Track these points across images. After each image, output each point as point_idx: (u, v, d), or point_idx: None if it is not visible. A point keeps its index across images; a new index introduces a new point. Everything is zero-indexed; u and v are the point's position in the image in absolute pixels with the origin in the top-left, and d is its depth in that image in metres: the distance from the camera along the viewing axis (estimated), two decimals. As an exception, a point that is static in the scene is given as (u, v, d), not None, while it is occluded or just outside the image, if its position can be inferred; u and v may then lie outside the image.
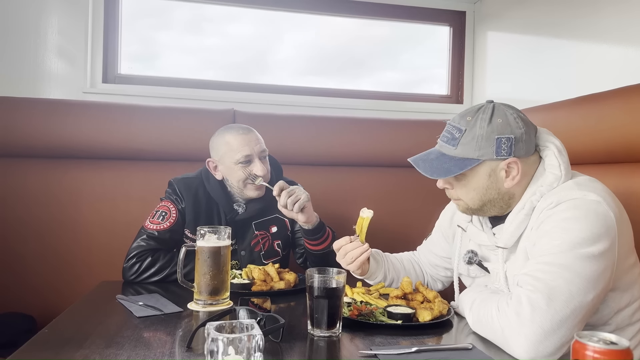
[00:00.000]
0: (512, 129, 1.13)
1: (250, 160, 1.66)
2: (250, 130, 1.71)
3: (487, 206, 1.20)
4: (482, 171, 1.16)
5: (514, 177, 1.14)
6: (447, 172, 1.15)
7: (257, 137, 1.71)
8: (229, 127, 1.74)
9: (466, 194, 1.20)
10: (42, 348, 0.98)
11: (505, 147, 1.12)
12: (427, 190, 2.33)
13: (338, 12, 2.75)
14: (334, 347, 1.03)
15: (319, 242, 1.67)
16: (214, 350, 0.77)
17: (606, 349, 0.68)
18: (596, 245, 1.02)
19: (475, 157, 1.14)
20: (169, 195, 1.73)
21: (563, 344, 0.97)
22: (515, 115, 1.15)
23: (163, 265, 1.57)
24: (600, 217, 1.04)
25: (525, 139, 1.14)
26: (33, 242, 2.00)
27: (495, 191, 1.17)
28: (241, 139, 1.66)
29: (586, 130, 1.59)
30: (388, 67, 2.94)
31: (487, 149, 1.13)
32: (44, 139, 2.01)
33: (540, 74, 2.28)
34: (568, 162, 1.17)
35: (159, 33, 2.64)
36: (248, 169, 1.65)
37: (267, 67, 2.76)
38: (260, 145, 1.69)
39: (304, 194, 1.60)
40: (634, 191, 1.40)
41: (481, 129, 1.13)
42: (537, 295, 0.99)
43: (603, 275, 1.02)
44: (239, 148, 1.65)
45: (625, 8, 1.81)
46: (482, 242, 1.26)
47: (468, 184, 1.18)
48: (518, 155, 1.13)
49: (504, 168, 1.14)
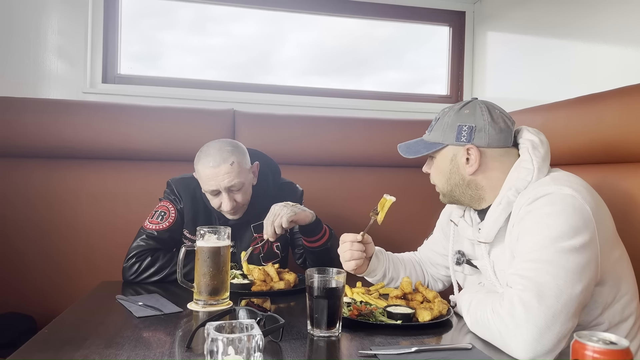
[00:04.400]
0: (476, 119, 1.22)
1: (218, 193, 1.60)
2: (224, 160, 1.56)
3: (456, 192, 1.27)
4: (446, 155, 1.26)
5: (472, 164, 1.22)
6: (416, 152, 1.29)
7: (228, 170, 1.56)
8: (205, 153, 1.60)
9: (436, 176, 1.31)
10: (42, 348, 0.98)
11: (465, 134, 1.22)
12: (427, 190, 2.33)
13: (338, 12, 2.75)
14: (333, 347, 1.03)
15: (315, 238, 1.67)
16: (214, 351, 0.77)
17: (606, 349, 0.68)
18: (576, 238, 1.03)
19: (440, 142, 1.26)
20: (167, 195, 1.73)
21: (560, 339, 0.98)
22: (485, 110, 1.23)
23: (163, 265, 1.57)
24: (577, 210, 1.06)
25: (489, 130, 1.21)
26: (32, 242, 2.00)
27: (459, 177, 1.25)
28: (208, 173, 1.56)
29: (586, 130, 1.60)
30: (392, 66, 2.94)
31: (450, 134, 1.24)
32: (44, 139, 2.01)
33: (539, 74, 2.28)
34: (544, 157, 1.19)
35: (163, 33, 2.65)
36: (218, 199, 1.61)
37: (270, 67, 2.76)
38: (229, 179, 1.56)
39: (284, 210, 1.54)
40: (634, 191, 1.40)
41: (449, 117, 1.25)
42: (527, 294, 1.00)
43: (588, 267, 1.04)
44: (205, 180, 1.58)
45: (624, 9, 1.81)
46: (469, 237, 1.30)
47: (437, 166, 1.29)
48: (478, 145, 1.21)
49: (464, 155, 1.22)
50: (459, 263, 1.36)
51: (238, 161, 1.59)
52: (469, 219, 1.33)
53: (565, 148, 1.64)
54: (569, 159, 1.62)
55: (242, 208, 1.68)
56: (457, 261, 1.37)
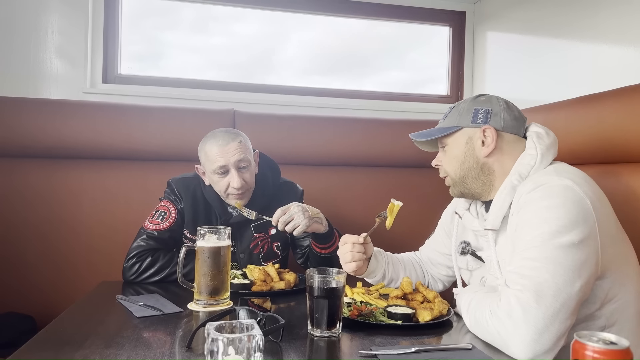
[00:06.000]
0: (492, 104, 1.26)
1: (226, 171, 1.62)
2: (231, 139, 1.62)
3: (468, 178, 1.27)
4: (461, 138, 1.27)
5: (489, 145, 1.23)
6: (429, 135, 1.31)
7: (237, 147, 1.61)
8: (212, 135, 1.67)
9: (449, 163, 1.30)
10: (42, 348, 0.98)
11: (482, 117, 1.24)
12: (427, 190, 2.34)
13: (338, 12, 2.75)
14: (334, 347, 1.03)
15: (326, 246, 1.66)
16: (214, 351, 0.77)
17: (606, 349, 0.68)
18: (575, 232, 1.03)
19: (454, 125, 1.27)
20: (167, 195, 1.73)
21: (559, 338, 0.98)
22: (501, 99, 1.27)
23: (163, 265, 1.57)
24: (576, 203, 1.06)
25: (504, 115, 1.24)
26: (32, 242, 2.00)
27: (473, 159, 1.25)
28: (217, 150, 1.60)
29: (586, 130, 1.60)
30: (394, 66, 2.94)
31: (466, 117, 1.26)
32: (44, 139, 2.01)
33: (540, 74, 2.28)
34: (548, 146, 1.21)
35: (164, 32, 2.65)
36: (226, 179, 1.62)
37: (272, 67, 2.76)
38: (239, 154, 1.60)
39: (304, 220, 1.52)
40: (634, 191, 1.40)
41: (465, 104, 1.29)
42: (525, 294, 1.00)
43: (587, 263, 1.03)
44: (214, 159, 1.60)
45: (624, 9, 1.81)
46: (475, 228, 1.30)
47: (450, 152, 1.29)
48: (494, 126, 1.23)
49: (480, 137, 1.24)
50: (464, 252, 1.35)
51: (244, 141, 1.67)
52: (474, 211, 1.34)
53: (565, 148, 1.64)
54: (569, 159, 1.62)
55: (248, 192, 1.68)
56: (462, 250, 1.36)
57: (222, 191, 1.65)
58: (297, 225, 1.53)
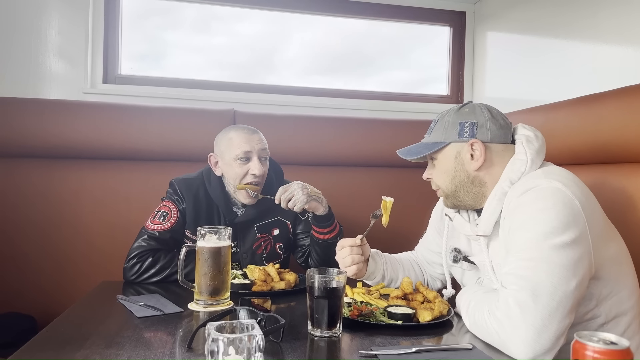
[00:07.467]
0: (477, 116, 1.24)
1: (249, 157, 1.66)
2: (255, 131, 1.73)
3: (460, 192, 1.27)
4: (449, 153, 1.26)
5: (477, 159, 1.22)
6: (417, 153, 1.29)
7: (261, 138, 1.72)
8: (236, 125, 1.78)
9: (439, 177, 1.30)
10: (43, 348, 0.98)
11: (468, 130, 1.23)
12: (427, 190, 2.34)
13: (339, 12, 2.75)
14: (334, 347, 1.04)
15: (327, 230, 1.68)
16: (215, 351, 0.77)
17: (606, 349, 0.69)
18: (567, 233, 1.04)
19: (442, 140, 1.26)
20: (169, 195, 1.73)
21: (558, 336, 0.98)
22: (485, 108, 1.25)
23: (164, 266, 1.57)
24: (566, 205, 1.07)
25: (490, 126, 1.23)
26: (33, 242, 2.01)
27: (464, 174, 1.25)
28: (243, 136, 1.68)
29: (586, 131, 1.60)
30: (396, 66, 2.94)
31: (452, 132, 1.25)
32: (44, 139, 2.02)
33: (540, 74, 2.28)
34: (537, 150, 1.21)
35: (166, 32, 2.65)
36: (246, 167, 1.66)
37: (274, 67, 2.76)
38: (262, 145, 1.70)
39: (302, 196, 1.59)
40: (634, 191, 1.40)
41: (449, 117, 1.27)
42: (522, 294, 1.00)
43: (581, 262, 1.04)
44: (239, 144, 1.66)
45: (624, 9, 1.81)
46: (466, 232, 1.30)
47: (440, 167, 1.29)
48: (481, 139, 1.22)
49: (469, 151, 1.23)
50: (456, 261, 1.37)
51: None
52: (465, 215, 1.33)
53: (565, 148, 1.64)
54: (569, 159, 1.62)
55: (260, 185, 1.72)
56: (454, 259, 1.37)
57: (239, 178, 1.67)
58: (297, 201, 1.58)
